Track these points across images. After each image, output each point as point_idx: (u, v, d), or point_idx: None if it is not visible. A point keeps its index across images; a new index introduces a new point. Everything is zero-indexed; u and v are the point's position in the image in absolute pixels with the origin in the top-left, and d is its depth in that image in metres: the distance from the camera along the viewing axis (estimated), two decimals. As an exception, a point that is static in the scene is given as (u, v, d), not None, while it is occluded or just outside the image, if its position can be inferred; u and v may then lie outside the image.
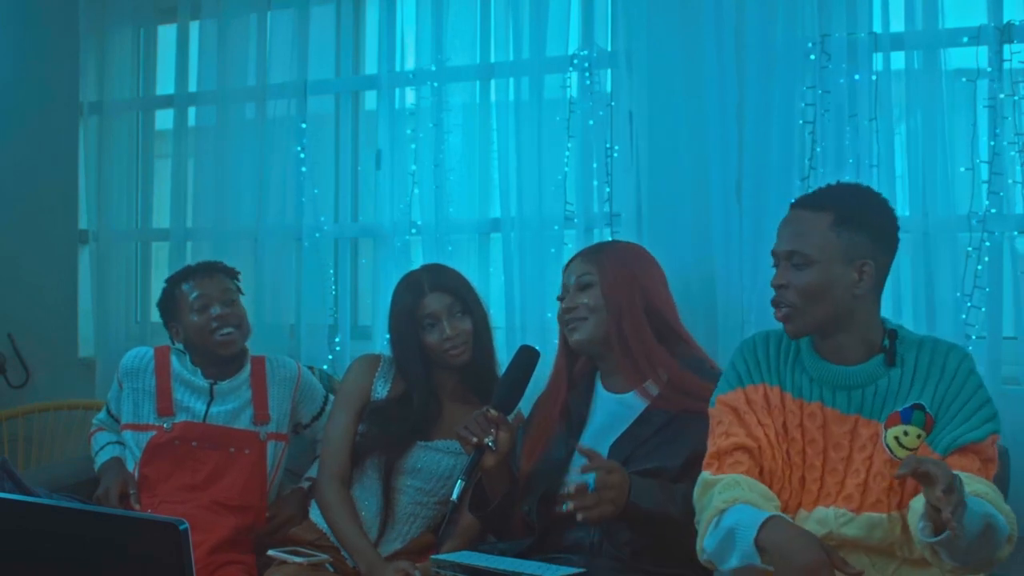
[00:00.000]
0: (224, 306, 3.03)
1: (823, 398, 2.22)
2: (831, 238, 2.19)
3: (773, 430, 2.24)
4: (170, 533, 1.60)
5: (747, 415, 2.26)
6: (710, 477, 2.23)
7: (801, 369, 2.26)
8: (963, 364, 2.18)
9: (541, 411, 2.72)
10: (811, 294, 2.19)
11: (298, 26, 3.73)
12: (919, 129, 2.95)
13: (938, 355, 2.19)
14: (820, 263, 2.19)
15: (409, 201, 3.52)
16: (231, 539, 2.89)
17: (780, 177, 2.98)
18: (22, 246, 4.21)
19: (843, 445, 2.19)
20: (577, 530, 2.50)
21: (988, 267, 2.87)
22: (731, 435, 2.25)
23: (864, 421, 2.18)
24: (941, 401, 2.15)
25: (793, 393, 2.25)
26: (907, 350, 2.20)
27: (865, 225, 2.20)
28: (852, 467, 2.17)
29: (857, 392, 2.20)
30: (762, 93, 3.04)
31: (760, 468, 2.23)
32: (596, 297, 2.63)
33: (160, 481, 2.97)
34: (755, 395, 2.27)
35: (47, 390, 4.08)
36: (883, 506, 2.14)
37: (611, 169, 3.25)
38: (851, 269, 2.18)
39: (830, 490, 2.19)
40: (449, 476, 2.84)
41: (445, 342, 2.82)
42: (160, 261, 4.01)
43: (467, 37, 3.52)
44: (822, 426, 2.21)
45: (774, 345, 2.30)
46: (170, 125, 3.96)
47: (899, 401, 2.17)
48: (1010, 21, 2.85)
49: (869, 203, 2.26)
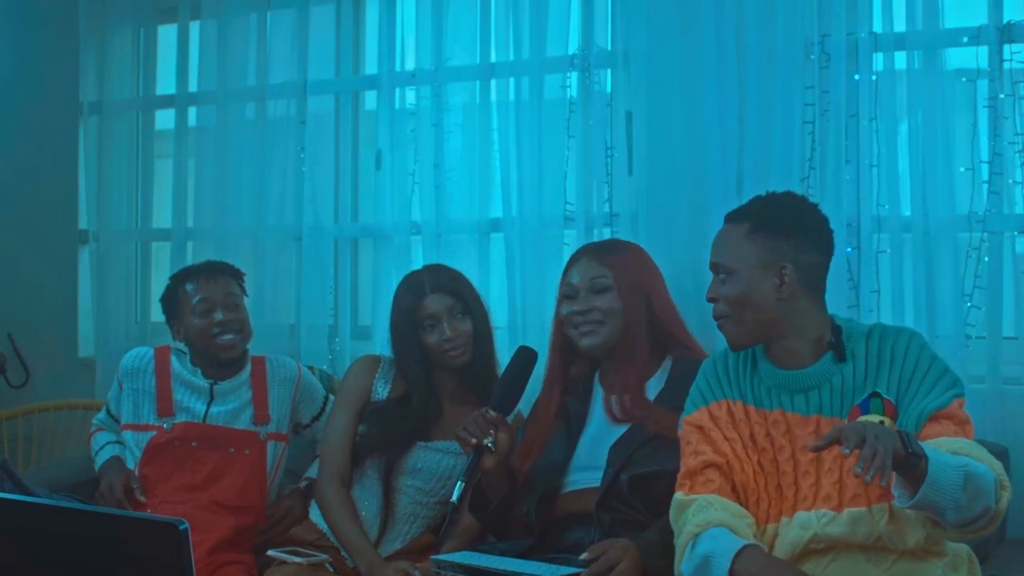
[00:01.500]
0: (227, 311, 3.02)
1: (783, 404, 2.23)
2: (747, 247, 2.22)
3: (740, 443, 2.25)
4: (170, 533, 1.60)
5: (712, 432, 2.27)
6: (683, 498, 2.25)
7: (759, 379, 2.27)
8: (912, 342, 2.19)
9: (536, 413, 2.72)
10: (736, 303, 2.22)
11: (298, 26, 3.73)
12: (919, 129, 2.95)
13: (886, 341, 2.20)
14: (738, 272, 2.22)
15: (409, 201, 3.52)
16: (231, 539, 2.89)
17: (780, 177, 2.97)
18: (22, 246, 4.21)
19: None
20: (577, 530, 2.51)
21: (988, 267, 2.87)
22: (699, 453, 2.27)
23: (826, 420, 2.18)
24: (899, 383, 2.16)
25: (756, 405, 2.26)
26: (856, 343, 2.21)
27: (781, 230, 2.21)
28: (824, 467, 2.17)
29: (814, 393, 2.20)
30: (762, 93, 3.04)
31: (732, 483, 2.24)
32: (613, 301, 2.62)
33: (160, 481, 2.97)
34: (719, 411, 2.29)
35: (47, 390, 4.08)
36: (863, 500, 2.14)
37: (611, 169, 3.25)
38: (771, 274, 2.20)
39: (806, 493, 2.18)
40: (449, 476, 2.84)
41: (445, 343, 2.82)
42: (160, 261, 4.01)
43: (467, 37, 3.52)
44: (787, 432, 2.22)
45: (732, 360, 2.32)
46: (170, 125, 3.96)
47: (857, 394, 2.17)
48: (1010, 21, 2.86)
49: (786, 209, 2.26)
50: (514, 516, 2.60)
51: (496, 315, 3.43)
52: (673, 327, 2.68)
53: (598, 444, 2.58)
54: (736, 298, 2.22)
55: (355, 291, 3.78)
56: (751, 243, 2.22)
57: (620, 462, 2.51)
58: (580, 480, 2.58)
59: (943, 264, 2.92)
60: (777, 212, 2.26)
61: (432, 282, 2.87)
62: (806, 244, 2.23)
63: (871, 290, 2.97)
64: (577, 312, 2.63)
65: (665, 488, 2.38)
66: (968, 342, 2.89)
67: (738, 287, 2.22)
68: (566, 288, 2.69)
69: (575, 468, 2.60)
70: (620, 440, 2.55)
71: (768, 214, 2.25)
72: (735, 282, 2.22)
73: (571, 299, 2.66)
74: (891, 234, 2.97)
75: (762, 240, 2.21)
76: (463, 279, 2.94)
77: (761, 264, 2.21)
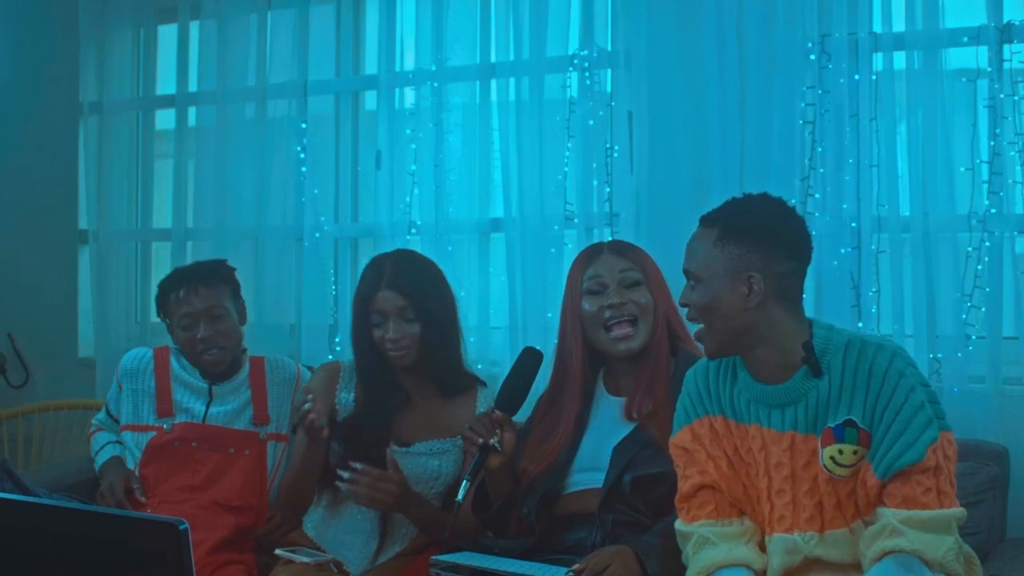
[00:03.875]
0: (210, 324, 2.99)
1: (759, 419, 2.19)
2: (714, 254, 2.16)
3: (726, 460, 2.23)
4: (170, 533, 1.60)
5: (697, 453, 2.25)
6: (682, 528, 2.25)
7: (739, 391, 2.22)
8: (892, 367, 2.08)
9: (546, 412, 2.69)
10: (704, 311, 2.18)
11: (298, 26, 3.74)
12: (919, 129, 2.95)
13: (864, 358, 2.10)
14: (704, 280, 2.17)
15: (409, 201, 3.52)
16: (231, 539, 2.89)
17: (780, 177, 2.98)
18: (22, 246, 4.21)
19: (784, 464, 2.16)
20: (578, 531, 2.50)
21: (988, 267, 2.87)
22: (687, 477, 2.26)
23: (801, 437, 2.14)
24: (872, 412, 2.08)
25: (736, 419, 2.22)
26: (834, 355, 2.12)
27: (750, 238, 2.14)
28: (803, 487, 2.14)
29: (790, 409, 2.15)
30: (762, 93, 3.04)
31: (728, 501, 2.23)
32: (646, 296, 2.59)
33: (160, 482, 2.97)
34: (701, 429, 2.26)
35: (47, 390, 4.08)
36: (840, 521, 2.13)
37: (611, 169, 3.26)
38: (739, 283, 2.13)
39: (783, 513, 2.16)
40: (437, 477, 2.82)
41: (387, 342, 2.78)
42: (160, 261, 4.01)
43: (467, 37, 3.52)
44: (762, 448, 2.18)
45: (713, 370, 2.27)
46: (170, 125, 3.96)
47: (831, 411, 2.11)
48: (1010, 21, 2.86)
49: (758, 215, 2.17)
50: (516, 516, 2.59)
51: (496, 315, 3.44)
52: (679, 327, 2.67)
53: (601, 445, 2.57)
54: (702, 306, 2.17)
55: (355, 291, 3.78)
56: (719, 251, 2.15)
57: (623, 463, 2.50)
58: (582, 481, 2.57)
59: (943, 264, 2.93)
60: (746, 218, 2.17)
61: (390, 277, 2.79)
62: (776, 252, 2.14)
63: (871, 290, 2.98)
64: (610, 306, 2.56)
65: (668, 490, 2.37)
66: (968, 342, 2.89)
67: (705, 295, 2.17)
68: (590, 283, 2.60)
69: (577, 469, 2.59)
70: (623, 441, 2.54)
71: (737, 220, 2.17)
72: (703, 290, 2.17)
73: (597, 294, 2.58)
74: (891, 234, 2.97)
75: (730, 248, 2.15)
76: (428, 275, 2.84)
77: (728, 273, 2.14)
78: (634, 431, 2.55)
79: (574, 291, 2.63)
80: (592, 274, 2.61)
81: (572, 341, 2.63)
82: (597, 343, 2.60)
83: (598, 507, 2.49)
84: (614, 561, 2.27)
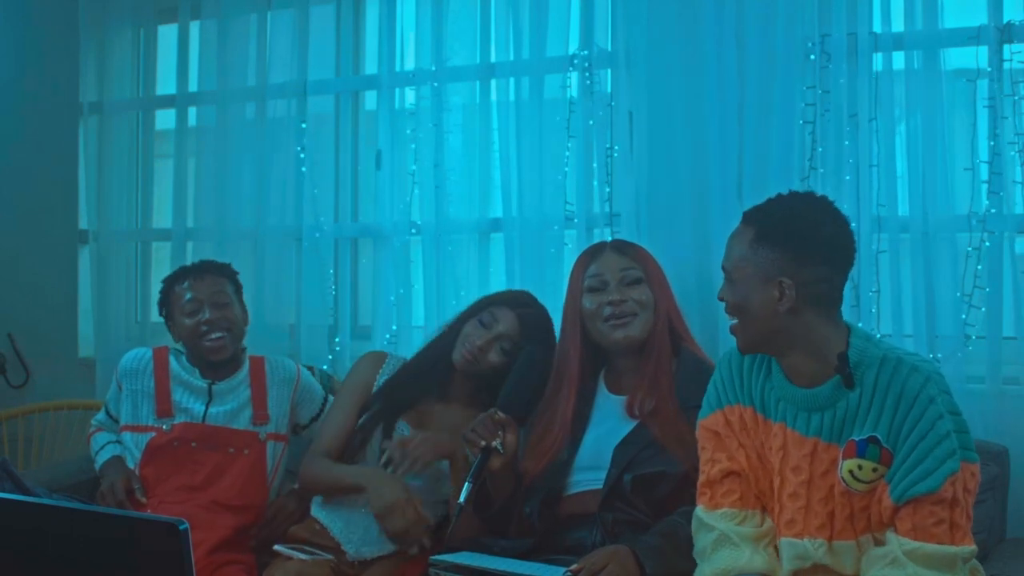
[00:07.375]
0: (215, 309, 3.02)
1: (786, 418, 2.17)
2: (748, 256, 2.14)
3: (755, 452, 2.22)
4: (170, 533, 1.60)
5: (728, 439, 2.23)
6: (703, 515, 2.23)
7: (771, 387, 2.21)
8: (924, 390, 2.04)
9: (543, 410, 2.68)
10: (736, 310, 2.17)
11: (298, 26, 3.74)
12: (919, 129, 2.95)
13: (898, 376, 2.07)
14: (737, 280, 2.16)
15: (409, 201, 3.52)
16: (231, 539, 2.89)
17: (780, 177, 2.98)
18: (22, 246, 4.21)
19: (803, 469, 2.14)
20: (579, 531, 2.50)
21: (988, 267, 2.87)
22: (716, 462, 2.23)
23: (824, 445, 2.13)
24: (898, 433, 2.05)
25: (764, 414, 2.21)
26: (867, 369, 2.09)
27: (784, 242, 2.11)
28: (818, 495, 2.13)
29: (817, 415, 2.13)
30: (762, 93, 3.04)
31: (753, 491, 2.21)
32: (646, 293, 2.60)
33: (160, 482, 2.97)
34: (733, 416, 2.24)
35: (47, 390, 4.08)
36: (850, 533, 2.12)
37: (611, 169, 3.25)
38: (770, 287, 2.11)
39: (794, 517, 2.15)
40: (437, 479, 2.83)
41: (476, 359, 2.81)
42: (160, 261, 4.01)
43: (467, 37, 3.52)
44: (782, 447, 2.17)
45: (748, 362, 2.26)
46: (170, 125, 3.96)
47: (858, 424, 2.09)
48: (1010, 21, 2.86)
49: (796, 218, 2.13)
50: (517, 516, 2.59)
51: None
52: (680, 326, 2.67)
53: (602, 445, 2.57)
54: (735, 305, 2.17)
55: (355, 291, 3.78)
56: (752, 252, 2.13)
57: (624, 462, 2.50)
58: (583, 481, 2.57)
59: (942, 264, 2.93)
60: (783, 221, 2.13)
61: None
62: (810, 258, 2.10)
63: (871, 290, 2.97)
64: (610, 302, 2.58)
65: (669, 489, 2.37)
66: (968, 342, 2.89)
67: (736, 295, 2.17)
68: (591, 281, 2.62)
69: (578, 468, 2.59)
70: (624, 440, 2.54)
71: (774, 222, 2.14)
72: (735, 289, 2.17)
73: (598, 291, 2.61)
74: (890, 234, 2.97)
75: (763, 251, 2.12)
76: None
77: (759, 276, 2.12)
78: (635, 430, 2.55)
79: (575, 289, 2.65)
80: (593, 272, 2.63)
81: (571, 339, 2.65)
82: (596, 335, 2.62)
83: (599, 507, 2.49)
84: (611, 561, 2.27)
